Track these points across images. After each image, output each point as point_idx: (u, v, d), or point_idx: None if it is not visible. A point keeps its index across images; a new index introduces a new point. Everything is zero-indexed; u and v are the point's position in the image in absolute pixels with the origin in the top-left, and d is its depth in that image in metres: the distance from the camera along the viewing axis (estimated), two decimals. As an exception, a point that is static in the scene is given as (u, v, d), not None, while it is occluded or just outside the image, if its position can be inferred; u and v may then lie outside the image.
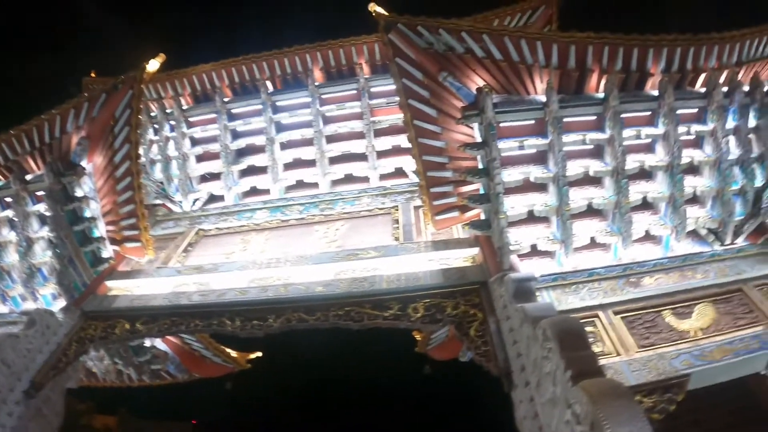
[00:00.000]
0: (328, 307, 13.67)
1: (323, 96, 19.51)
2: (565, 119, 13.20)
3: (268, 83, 19.52)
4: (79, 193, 15.71)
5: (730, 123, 14.27)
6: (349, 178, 19.27)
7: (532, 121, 13.27)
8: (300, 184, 19.52)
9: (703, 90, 14.08)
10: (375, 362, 35.64)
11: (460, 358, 15.83)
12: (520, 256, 13.39)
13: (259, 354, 21.84)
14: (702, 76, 14.07)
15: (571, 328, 9.23)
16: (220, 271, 15.73)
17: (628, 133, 13.56)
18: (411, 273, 13.92)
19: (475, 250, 14.35)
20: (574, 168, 13.40)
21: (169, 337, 18.79)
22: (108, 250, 16.68)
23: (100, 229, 16.39)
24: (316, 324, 13.65)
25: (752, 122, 14.42)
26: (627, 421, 6.86)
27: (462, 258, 14.37)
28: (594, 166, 13.53)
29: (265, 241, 17.35)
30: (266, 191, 19.64)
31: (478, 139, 13.30)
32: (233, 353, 21.27)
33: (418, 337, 18.96)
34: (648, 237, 14.06)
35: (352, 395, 39.17)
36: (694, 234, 14.35)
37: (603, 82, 13.33)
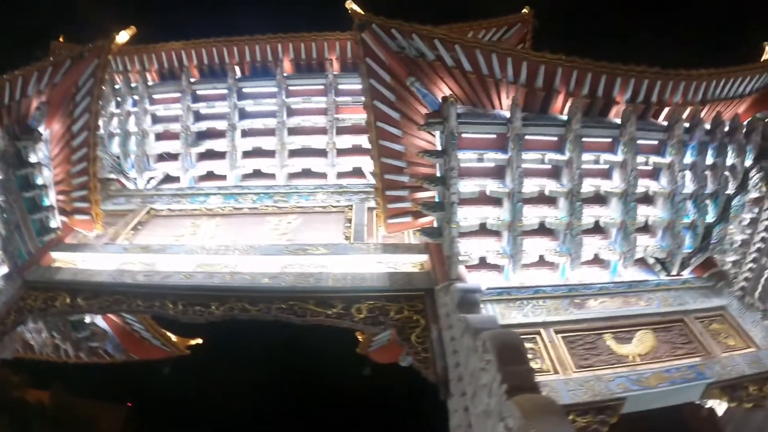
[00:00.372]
0: (272, 299, 13.55)
1: (290, 87, 19.35)
2: (526, 137, 13.25)
3: (237, 68, 19.28)
4: (33, 159, 15.29)
5: (688, 158, 14.52)
6: (306, 173, 19.09)
7: (494, 136, 13.29)
8: (257, 174, 19.28)
9: (665, 123, 14.30)
10: (316, 359, 35.53)
11: (400, 363, 15.80)
12: (468, 267, 13.39)
13: (200, 341, 21.51)
14: (665, 110, 14.31)
15: (511, 342, 9.25)
16: (168, 253, 15.45)
17: (587, 157, 13.69)
18: (358, 273, 13.85)
19: (424, 257, 14.32)
20: (531, 186, 13.45)
21: (110, 315, 18.46)
22: (56, 221, 16.30)
23: (51, 198, 16.00)
24: (259, 315, 13.53)
25: (710, 159, 14.68)
26: None
27: (410, 263, 14.33)
28: (550, 186, 13.61)
29: (216, 227, 17.11)
30: (222, 177, 19.35)
31: (439, 147, 13.28)
32: (173, 338, 20.91)
33: (360, 337, 18.89)
34: (596, 260, 14.22)
35: (290, 390, 38.92)
36: (641, 262, 14.54)
37: (568, 104, 13.42)
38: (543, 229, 13.77)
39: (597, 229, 14.19)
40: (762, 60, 15.46)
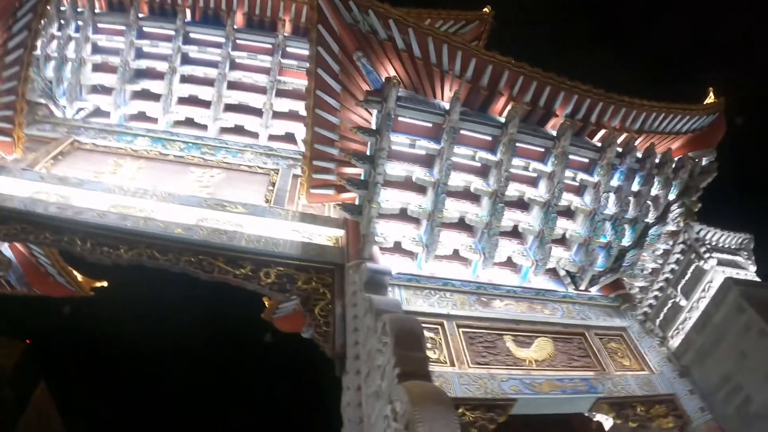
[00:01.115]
0: (182, 251, 13.22)
1: (238, 41, 18.95)
2: (461, 131, 13.33)
3: (188, 11, 18.73)
4: (-42, 68, 14.55)
5: (615, 181, 14.87)
6: (238, 130, 18.69)
7: (430, 124, 13.30)
8: (189, 122, 18.72)
9: (599, 144, 14.58)
10: (220, 317, 35.21)
11: (303, 334, 15.68)
12: (382, 249, 13.37)
13: (105, 284, 20.92)
14: (602, 132, 14.60)
15: (410, 327, 9.25)
16: (85, 188, 14.83)
17: (517, 162, 13.85)
18: (272, 238, 13.61)
19: (341, 232, 14.24)
20: (457, 180, 13.53)
21: (16, 245, 17.71)
22: (-26, 137, 15.55)
23: (-29, 113, 15.26)
24: (166, 265, 13.18)
25: (635, 186, 15.04)
26: (441, 427, 6.90)
27: (326, 236, 14.20)
28: (477, 183, 13.70)
29: (138, 170, 16.60)
30: (153, 120, 18.74)
31: (373, 126, 13.22)
32: (79, 277, 20.29)
33: (266, 303, 18.69)
34: (509, 263, 14.41)
35: (190, 345, 38.43)
36: (552, 272, 14.80)
37: (508, 108, 13.56)
38: (462, 225, 13.85)
39: (515, 233, 14.38)
40: (704, 102, 15.82)
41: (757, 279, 14.16)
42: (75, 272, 20.20)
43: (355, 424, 10.59)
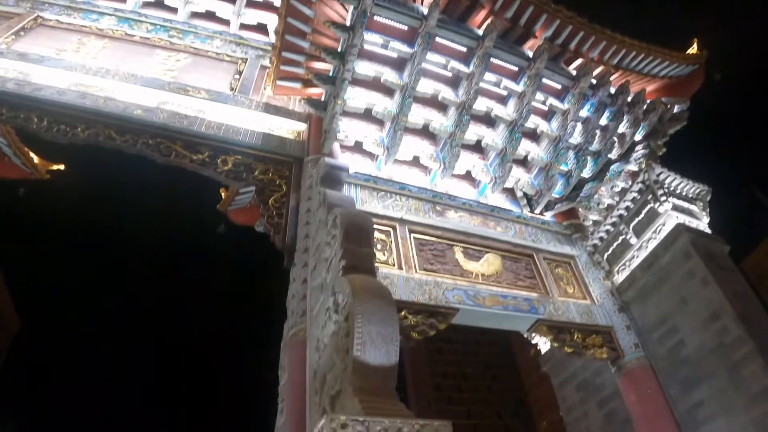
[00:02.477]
0: (140, 133, 12.94)
1: None
2: (437, 38, 13.04)
3: None
4: None
5: (584, 112, 14.76)
6: (209, 15, 17.78)
7: (405, 27, 12.95)
8: (158, 4, 17.62)
9: (574, 73, 14.42)
10: (175, 208, 35.03)
11: (256, 227, 15.55)
12: (342, 147, 13.28)
13: (61, 167, 20.42)
14: (578, 61, 14.40)
15: (360, 223, 9.16)
16: (45, 65, 14.31)
17: (489, 77, 13.67)
18: (233, 126, 13.37)
19: (303, 126, 14.03)
20: (426, 87, 13.31)
21: (-29, 122, 17.15)
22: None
23: None
24: (124, 146, 12.87)
25: (603, 121, 14.97)
26: (379, 321, 6.87)
27: (288, 129, 13.97)
28: (445, 92, 13.50)
29: (102, 49, 15.99)
30: (122, -1, 17.90)
31: (348, 23, 12.84)
32: (36, 159, 19.78)
33: (222, 194, 18.48)
34: (468, 177, 14.40)
35: (145, 234, 38.35)
36: (510, 192, 14.86)
37: (487, 22, 13.25)
38: (425, 132, 13.74)
39: (477, 148, 14.32)
40: (687, 52, 15.76)
41: (708, 231, 14.33)
42: (32, 154, 19.71)
43: (298, 316, 10.60)
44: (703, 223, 14.60)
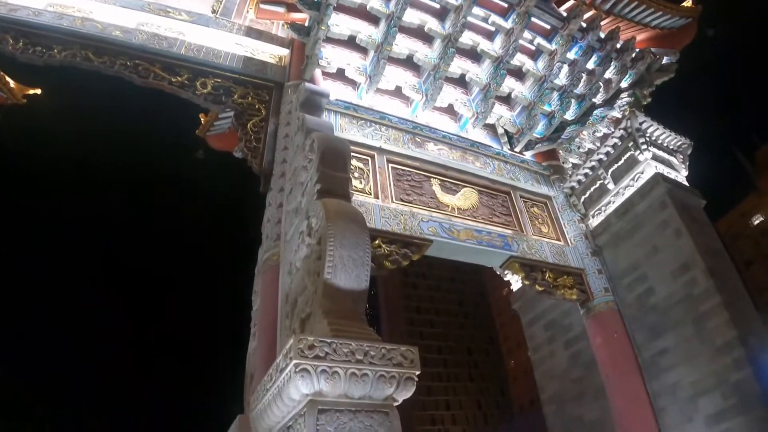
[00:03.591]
0: (118, 54, 12.67)
1: None
2: (425, -33, 12.74)
3: None
4: None
5: (572, 55, 14.57)
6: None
7: (394, -47, 12.61)
8: None
9: (564, 14, 14.18)
10: (153, 136, 34.96)
11: (234, 153, 15.37)
12: (324, 74, 13.11)
13: (38, 91, 19.94)
14: (570, 2, 14.15)
15: (337, 148, 9.10)
16: (20, -15, 13.85)
17: (477, 11, 13.41)
18: (214, 49, 13.14)
19: (285, 52, 13.81)
20: (412, 17, 13.01)
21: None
22: None
23: None
24: (101, 68, 12.59)
25: (591, 65, 14.82)
26: (352, 245, 6.86)
27: (270, 54, 13.72)
28: (432, 24, 13.21)
29: (79, -33, 15.49)
30: None
31: (337, -55, 12.47)
32: (12, 83, 19.26)
33: (202, 120, 18.23)
34: (449, 111, 14.29)
35: (124, 159, 38.33)
36: (491, 128, 14.79)
37: (480, -45, 12.95)
38: (409, 63, 13.49)
39: (461, 82, 14.15)
40: (681, 4, 15.54)
41: (686, 184, 14.43)
42: (8, 78, 19.21)
43: (272, 241, 10.64)
44: (681, 176, 14.70)
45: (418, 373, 5.97)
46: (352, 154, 10.27)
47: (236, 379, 11.91)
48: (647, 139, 14.23)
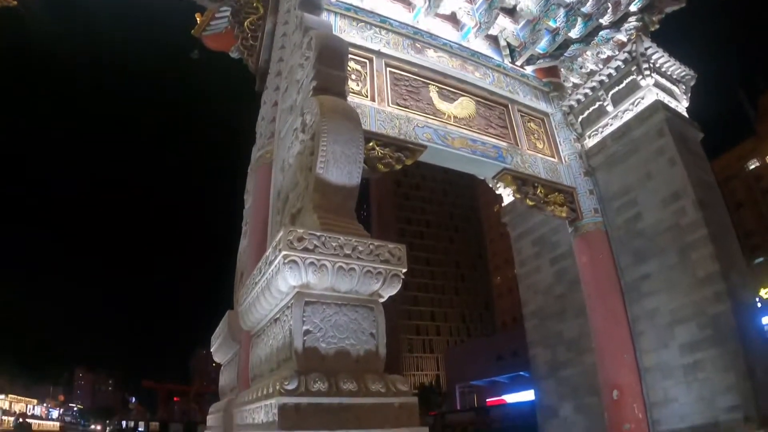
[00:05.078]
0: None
1: None
2: None
3: None
4: None
5: (581, -30, 14.13)
6: None
7: None
8: None
9: (579, -74, 13.68)
10: (148, 35, 34.42)
11: (230, 54, 15.07)
12: (326, -26, 12.70)
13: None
14: None
15: (335, 46, 8.88)
16: None
17: None
18: (210, -57, 12.71)
19: (281, -47, 13.32)
20: None
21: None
22: None
23: None
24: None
25: (599, -16, 14.38)
26: (345, 141, 6.78)
27: (268, -50, 13.25)
28: (440, -77, 12.78)
29: None
30: None
31: None
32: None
33: (198, 19, 17.83)
34: (452, 18, 14.03)
35: (122, 60, 37.82)
36: (493, 40, 14.51)
37: None
38: (411, -34, 13.12)
39: (465, -10, 13.81)
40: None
41: (686, 115, 14.30)
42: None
43: (266, 138, 10.63)
44: (682, 107, 14.60)
45: (404, 270, 6.01)
46: (351, 56, 10.17)
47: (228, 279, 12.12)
48: (651, 65, 14.01)
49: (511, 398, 58.23)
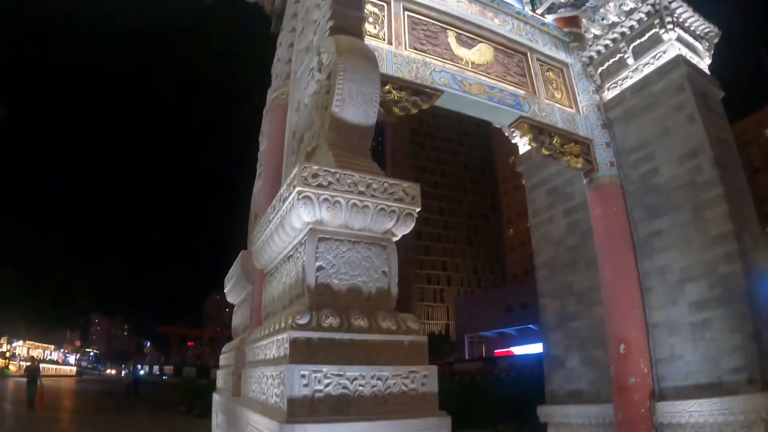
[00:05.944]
0: None
1: None
2: None
3: None
4: None
5: None
6: None
7: None
8: None
9: None
10: None
11: (246, -1, 14.89)
12: None
13: None
14: None
15: (352, -14, 8.79)
16: None
17: None
18: None
19: None
20: None
21: None
22: None
23: None
24: None
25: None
26: (361, 80, 6.74)
27: None
28: None
29: None
30: None
31: None
32: None
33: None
34: (474, -38, 13.75)
35: (125, 12, 37.71)
36: (514, -14, 14.27)
37: None
38: None
39: (485, -67, 13.52)
40: None
41: (707, 72, 14.10)
42: None
43: (281, 80, 10.59)
44: (704, 63, 14.40)
45: (418, 209, 6.04)
46: (369, -1, 10.00)
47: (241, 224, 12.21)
48: (674, 19, 13.74)
49: (518, 350, 58.90)
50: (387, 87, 10.24)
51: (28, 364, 33.53)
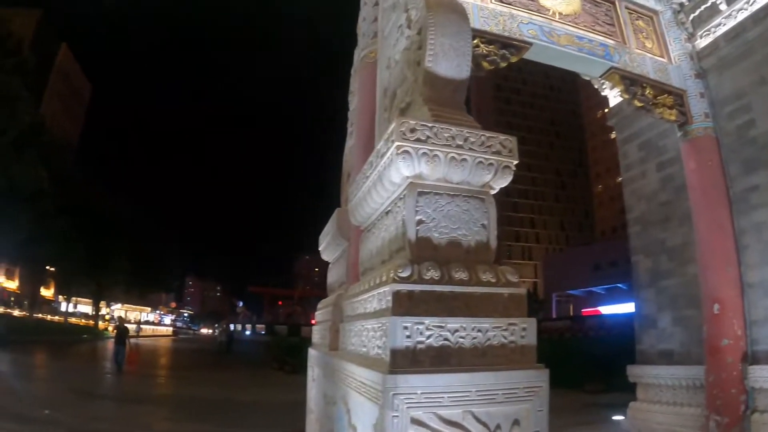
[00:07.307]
0: None
1: None
2: None
3: None
4: None
5: None
6: None
7: None
8: None
9: None
10: None
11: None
12: None
13: None
14: None
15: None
16: None
17: None
18: None
19: None
20: None
21: None
22: None
23: None
24: None
25: None
26: (452, 34, 6.69)
27: None
28: None
29: None
30: None
31: None
32: None
33: None
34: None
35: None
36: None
37: None
38: None
39: None
40: None
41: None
42: None
43: (369, 38, 10.63)
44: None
45: (515, 162, 6.02)
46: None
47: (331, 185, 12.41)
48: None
49: (606, 310, 58.05)
50: (475, 41, 10.10)
51: (117, 324, 34.57)
